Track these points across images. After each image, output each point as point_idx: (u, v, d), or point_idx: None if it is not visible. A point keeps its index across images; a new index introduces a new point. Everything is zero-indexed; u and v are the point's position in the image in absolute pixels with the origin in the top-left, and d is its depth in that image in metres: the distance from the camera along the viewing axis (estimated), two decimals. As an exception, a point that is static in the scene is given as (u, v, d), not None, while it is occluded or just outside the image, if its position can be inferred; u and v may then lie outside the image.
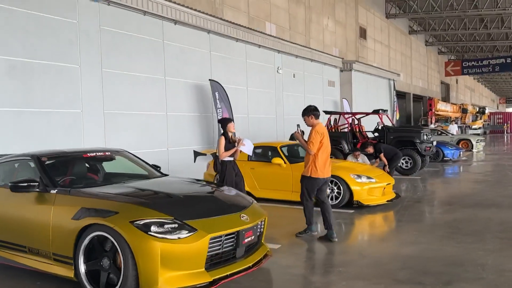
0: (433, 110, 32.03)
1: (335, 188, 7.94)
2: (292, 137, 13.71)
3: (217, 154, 6.59)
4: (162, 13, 11.59)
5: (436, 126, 28.65)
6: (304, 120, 5.80)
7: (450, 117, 32.38)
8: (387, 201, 8.11)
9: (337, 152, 12.79)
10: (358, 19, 30.89)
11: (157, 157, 11.49)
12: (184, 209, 3.89)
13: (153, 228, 3.58)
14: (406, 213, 7.57)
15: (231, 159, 6.27)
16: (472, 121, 40.94)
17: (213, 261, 3.86)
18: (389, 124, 13.91)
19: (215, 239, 3.78)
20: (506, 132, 45.72)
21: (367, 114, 14.37)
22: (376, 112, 13.79)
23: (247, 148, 6.24)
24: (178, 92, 12.21)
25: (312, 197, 5.64)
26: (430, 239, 5.78)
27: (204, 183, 4.98)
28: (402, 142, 12.47)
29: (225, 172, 6.19)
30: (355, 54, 30.44)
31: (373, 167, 8.92)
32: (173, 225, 3.66)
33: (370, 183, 7.94)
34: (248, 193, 8.96)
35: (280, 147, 8.92)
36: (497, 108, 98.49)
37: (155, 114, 11.47)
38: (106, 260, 3.68)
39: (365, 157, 10.40)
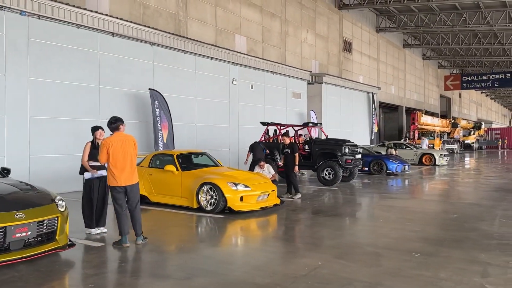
0: (416, 124, 32.10)
1: (214, 194, 8.51)
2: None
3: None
4: (98, 26, 12.38)
5: (404, 140, 28.77)
6: None
7: (434, 131, 32.38)
8: (261, 208, 8.63)
9: (270, 161, 13.28)
10: (342, 32, 31.36)
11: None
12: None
13: None
14: (266, 220, 8.04)
15: (94, 164, 6.70)
16: (464, 136, 40.70)
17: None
18: (323, 136, 14.32)
19: (-24, 232, 4.44)
20: (502, 148, 45.20)
21: (303, 127, 14.80)
22: (306, 125, 14.26)
23: None
24: (114, 100, 12.95)
25: (122, 205, 5.95)
26: (246, 243, 6.32)
27: (23, 185, 5.62)
28: (325, 154, 12.94)
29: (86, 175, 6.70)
30: (338, 67, 30.89)
31: (259, 176, 9.43)
32: None
33: (245, 191, 8.48)
34: (145, 198, 9.61)
35: (177, 156, 9.51)
36: (510, 124, 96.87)
37: (87, 121, 12.17)
38: None
39: (270, 167, 10.94)
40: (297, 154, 10.62)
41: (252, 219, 7.97)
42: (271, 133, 15.31)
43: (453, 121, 41.40)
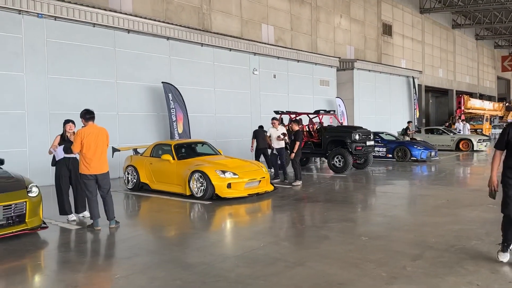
0: (462, 108, 30.51)
1: (203, 182, 8.83)
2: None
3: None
4: (113, 24, 13.05)
5: (446, 125, 27.41)
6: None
7: (483, 115, 30.62)
8: (249, 194, 8.83)
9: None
10: (380, 15, 30.43)
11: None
12: None
13: None
14: (246, 206, 8.17)
15: (65, 155, 7.19)
16: (519, 119, 38.09)
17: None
18: (337, 123, 14.15)
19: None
20: None
21: (315, 115, 14.66)
22: (317, 112, 14.15)
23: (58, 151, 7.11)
24: (131, 94, 13.61)
25: (92, 191, 6.37)
26: (207, 227, 6.59)
27: (2, 173, 6.24)
28: (335, 142, 12.83)
29: (56, 166, 7.23)
30: (377, 51, 30.06)
31: (252, 164, 9.57)
32: None
33: (233, 178, 8.72)
34: (146, 185, 10.13)
35: (175, 145, 9.92)
36: None
37: (104, 114, 12.92)
38: None
39: (284, 128, 11.71)
40: (297, 142, 10.70)
41: (234, 205, 8.21)
42: (285, 122, 15.35)
43: (507, 104, 38.81)
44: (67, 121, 7.41)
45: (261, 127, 14.45)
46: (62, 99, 12.01)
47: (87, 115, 6.56)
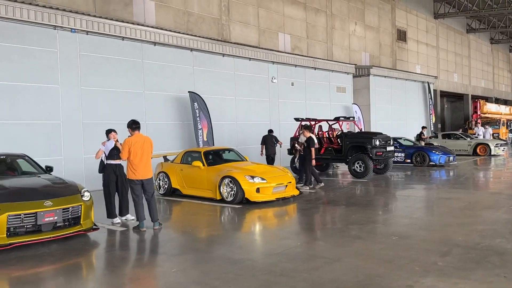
0: (478, 113, 30.59)
1: (233, 187, 9.30)
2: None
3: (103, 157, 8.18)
4: (141, 37, 13.66)
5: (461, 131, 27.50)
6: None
7: (500, 120, 30.66)
8: (277, 198, 9.28)
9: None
10: (395, 22, 30.78)
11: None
12: (1, 196, 5.78)
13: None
14: (275, 209, 8.61)
15: (112, 162, 7.77)
16: (536, 123, 37.87)
17: (17, 230, 5.68)
18: (357, 129, 14.53)
19: (14, 216, 5.62)
20: None
21: (335, 121, 15.05)
22: (337, 119, 14.54)
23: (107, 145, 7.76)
24: (158, 104, 14.19)
25: (139, 195, 6.92)
26: (243, 228, 7.09)
27: (57, 179, 6.80)
28: (356, 147, 13.20)
29: (104, 173, 7.78)
30: (392, 57, 30.38)
31: (277, 169, 10.05)
32: (-15, 205, 5.56)
33: (261, 183, 9.18)
34: (178, 190, 10.64)
35: (204, 152, 10.43)
36: None
37: (133, 123, 13.51)
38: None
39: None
40: (312, 149, 11.09)
41: (263, 208, 8.65)
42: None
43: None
44: (109, 130, 7.95)
45: (270, 131, 14.85)
46: (94, 109, 12.61)
47: (134, 125, 7.09)
